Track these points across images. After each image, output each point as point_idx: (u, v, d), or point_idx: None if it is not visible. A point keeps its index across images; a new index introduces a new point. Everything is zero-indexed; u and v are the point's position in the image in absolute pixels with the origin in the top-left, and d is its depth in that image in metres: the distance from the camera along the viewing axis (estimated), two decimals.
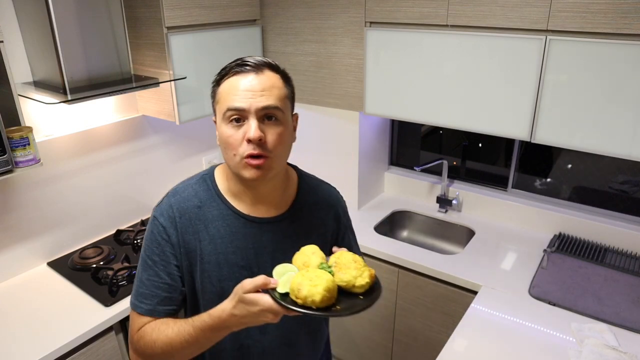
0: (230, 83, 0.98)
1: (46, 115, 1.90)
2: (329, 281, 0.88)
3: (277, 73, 1.01)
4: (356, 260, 0.95)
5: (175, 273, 1.05)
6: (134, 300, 1.06)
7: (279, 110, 0.98)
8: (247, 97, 0.95)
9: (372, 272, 0.95)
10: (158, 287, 1.04)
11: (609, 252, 2.01)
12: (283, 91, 1.00)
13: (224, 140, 1.00)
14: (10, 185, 1.83)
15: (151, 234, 1.06)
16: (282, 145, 1.00)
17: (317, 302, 0.86)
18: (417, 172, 2.59)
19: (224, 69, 1.01)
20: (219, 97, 1.01)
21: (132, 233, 2.17)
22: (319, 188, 1.20)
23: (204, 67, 2.13)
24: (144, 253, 1.07)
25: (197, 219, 1.05)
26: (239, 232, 1.06)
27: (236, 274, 1.04)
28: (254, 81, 0.96)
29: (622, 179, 2.11)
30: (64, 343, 1.55)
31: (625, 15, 1.52)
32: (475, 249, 2.10)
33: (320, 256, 0.97)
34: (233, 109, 0.96)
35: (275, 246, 1.07)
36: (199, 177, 1.12)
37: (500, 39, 1.76)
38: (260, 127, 0.96)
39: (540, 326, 1.60)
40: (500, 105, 1.84)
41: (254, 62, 0.98)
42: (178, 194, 1.08)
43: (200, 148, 2.58)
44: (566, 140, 1.75)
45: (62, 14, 1.63)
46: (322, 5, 2.13)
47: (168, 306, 1.05)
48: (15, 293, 1.82)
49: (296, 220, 1.11)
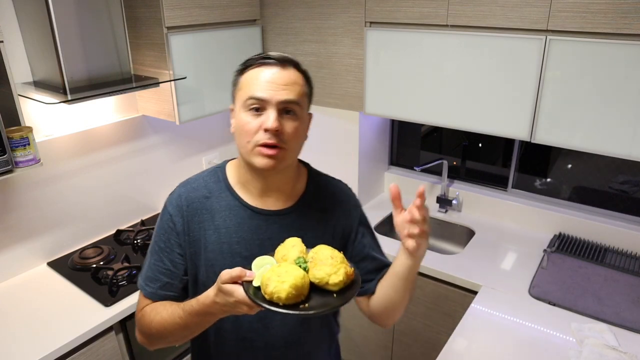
0: (254, 73, 1.01)
1: (46, 115, 1.90)
2: (297, 277, 0.86)
3: (299, 71, 1.04)
4: (333, 257, 0.92)
5: (177, 261, 1.09)
6: (140, 282, 1.12)
7: (298, 105, 1.01)
8: (269, 89, 0.98)
9: (349, 269, 0.92)
10: (161, 272, 1.09)
11: (609, 252, 2.01)
12: (303, 89, 1.03)
13: (240, 127, 1.02)
14: (10, 185, 1.83)
15: (160, 221, 1.11)
16: (297, 139, 1.03)
17: (283, 298, 0.84)
18: (417, 172, 2.59)
19: (249, 59, 1.04)
20: (241, 85, 1.03)
21: (132, 233, 2.17)
22: (329, 184, 1.19)
23: (204, 67, 2.13)
24: (153, 238, 1.12)
25: (204, 209, 1.08)
26: (244, 223, 1.07)
27: (238, 264, 1.03)
28: (277, 74, 0.99)
29: (622, 179, 2.11)
30: (64, 343, 1.55)
31: (625, 15, 1.52)
32: (475, 249, 2.10)
33: (300, 250, 0.95)
34: (255, 97, 0.98)
35: (280, 239, 1.06)
36: (211, 169, 1.15)
37: (500, 39, 1.76)
38: (278, 118, 0.98)
39: (540, 326, 1.60)
40: (500, 105, 1.84)
41: (280, 57, 1.01)
42: (189, 184, 1.13)
43: (200, 148, 2.58)
44: (566, 140, 1.75)
45: (62, 14, 1.63)
46: (322, 5, 2.13)
47: (168, 292, 1.09)
48: (15, 293, 1.82)
49: (303, 214, 1.11)
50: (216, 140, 2.68)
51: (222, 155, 2.73)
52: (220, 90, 2.25)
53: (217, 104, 2.25)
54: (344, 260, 0.93)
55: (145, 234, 2.17)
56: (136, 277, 1.86)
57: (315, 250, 0.95)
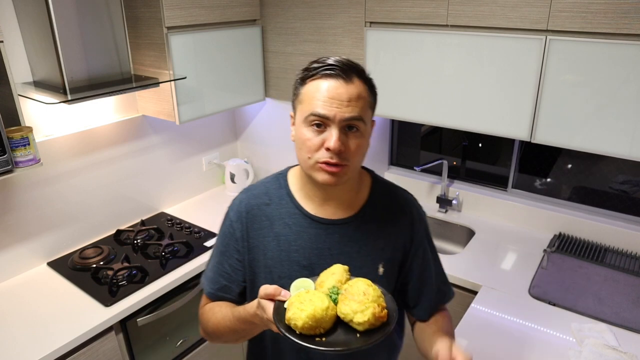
0: (316, 85, 0.95)
1: (46, 115, 1.90)
2: (317, 309, 0.83)
3: (364, 82, 0.98)
4: (366, 293, 0.85)
5: (235, 266, 1.10)
6: (203, 280, 1.16)
7: (362, 121, 0.96)
8: (332, 106, 0.93)
9: (378, 311, 0.84)
10: (220, 275, 1.11)
11: (609, 252, 2.01)
12: (368, 101, 0.98)
13: (301, 142, 0.98)
14: (10, 185, 1.83)
15: (222, 225, 1.13)
16: (359, 155, 0.99)
17: (299, 327, 0.82)
18: (417, 172, 2.59)
19: (310, 68, 0.97)
20: (302, 97, 0.98)
21: (132, 233, 2.16)
22: (393, 193, 1.14)
23: (204, 67, 2.13)
24: (217, 240, 1.15)
25: (263, 216, 1.08)
26: (304, 232, 1.05)
27: (296, 273, 1.04)
28: (342, 89, 0.93)
29: (622, 179, 2.11)
30: (64, 343, 1.55)
31: (625, 15, 1.52)
32: (475, 249, 2.10)
33: (338, 279, 0.91)
34: (317, 114, 0.94)
35: (339, 249, 1.05)
36: (273, 176, 1.15)
37: (500, 39, 1.76)
38: (340, 137, 0.94)
39: (540, 326, 1.60)
40: (500, 105, 1.84)
41: (343, 67, 0.95)
42: (250, 190, 1.13)
43: (200, 148, 2.58)
44: (566, 140, 1.75)
45: (62, 14, 1.63)
46: (322, 5, 2.13)
47: (226, 294, 1.11)
48: (15, 293, 1.82)
49: (364, 223, 1.07)
50: (216, 140, 2.68)
51: (222, 155, 2.73)
52: (220, 90, 2.25)
53: (217, 104, 2.25)
54: (379, 299, 0.87)
55: (145, 234, 2.17)
56: (136, 277, 1.88)
57: (351, 282, 0.90)
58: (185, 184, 2.53)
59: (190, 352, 2.05)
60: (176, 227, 2.27)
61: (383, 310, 0.86)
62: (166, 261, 1.98)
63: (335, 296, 0.88)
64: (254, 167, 2.79)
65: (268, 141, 2.70)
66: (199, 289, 2.02)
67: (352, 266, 1.04)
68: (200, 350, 2.08)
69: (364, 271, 1.05)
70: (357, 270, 1.05)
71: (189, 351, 2.05)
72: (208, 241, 2.13)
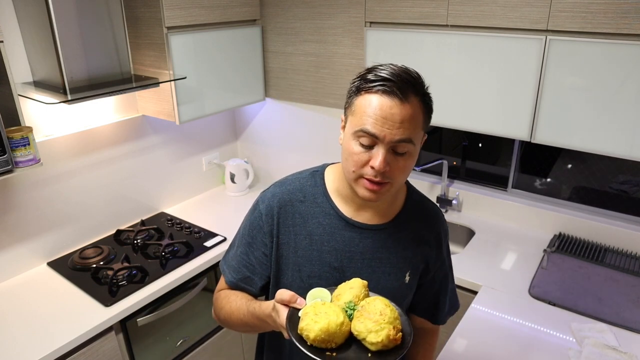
0: (370, 100, 0.91)
1: (46, 115, 1.90)
2: (332, 323, 0.82)
3: (420, 98, 0.93)
4: (383, 313, 0.84)
5: (262, 260, 1.09)
6: (224, 266, 1.15)
7: (411, 143, 0.93)
8: (384, 126, 0.89)
9: (393, 334, 0.83)
10: (245, 265, 1.10)
11: (609, 252, 2.01)
12: (420, 121, 0.93)
13: (348, 153, 0.96)
14: (10, 185, 1.83)
15: (251, 215, 1.11)
16: (404, 175, 0.97)
17: (311, 338, 0.82)
18: (417, 172, 2.59)
19: (367, 79, 0.92)
20: (354, 108, 0.94)
21: (132, 233, 2.16)
22: (424, 205, 1.14)
23: (204, 67, 2.13)
24: (243, 229, 1.13)
25: (297, 213, 1.06)
26: (337, 233, 1.05)
27: (327, 274, 1.04)
28: (396, 109, 0.89)
29: (622, 179, 2.11)
30: (64, 343, 1.55)
31: (625, 15, 1.52)
32: (475, 249, 2.10)
33: (355, 294, 0.90)
34: (366, 132, 0.90)
35: (371, 254, 1.05)
36: (309, 172, 1.12)
37: (500, 39, 1.76)
38: (387, 157, 0.91)
39: (540, 326, 1.60)
40: (500, 105, 1.84)
41: (400, 83, 0.89)
42: (284, 185, 1.10)
43: (200, 148, 2.58)
44: (566, 140, 1.75)
45: (62, 14, 1.63)
46: (322, 5, 2.13)
47: (247, 285, 1.10)
48: (15, 293, 1.82)
49: (397, 232, 1.07)
50: (216, 140, 2.68)
51: (222, 156, 2.73)
52: (220, 90, 2.25)
53: (217, 104, 2.25)
54: (395, 321, 0.85)
55: (145, 233, 2.17)
56: (136, 277, 1.88)
57: (369, 300, 0.88)
58: (185, 184, 2.53)
59: (190, 352, 2.05)
60: (176, 227, 2.27)
61: (398, 333, 0.85)
62: (166, 261, 1.98)
63: (351, 312, 0.87)
64: (254, 167, 2.79)
65: (268, 141, 2.70)
66: (200, 289, 2.02)
67: (381, 272, 1.05)
68: (200, 350, 2.08)
69: (392, 278, 1.06)
70: (385, 277, 1.06)
71: (189, 351, 2.05)
72: (208, 241, 2.13)
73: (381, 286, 1.05)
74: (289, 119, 2.52)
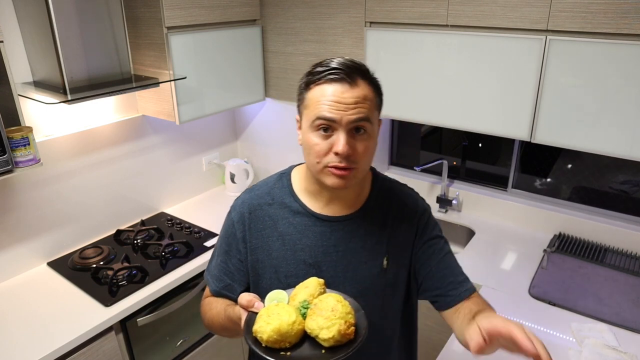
0: (321, 90, 0.95)
1: (46, 115, 1.90)
2: (284, 323, 0.83)
3: (369, 82, 0.98)
4: (334, 309, 0.85)
5: (238, 266, 1.11)
6: (207, 276, 1.17)
7: (369, 122, 0.96)
8: (338, 109, 0.92)
9: (344, 328, 0.84)
10: (225, 273, 1.13)
11: (609, 252, 2.01)
12: (374, 102, 0.98)
13: (309, 147, 0.98)
14: (10, 185, 1.83)
15: (225, 225, 1.15)
16: (368, 157, 0.99)
17: (264, 340, 0.83)
18: (417, 172, 2.59)
19: (315, 73, 0.97)
20: (307, 102, 0.97)
21: (132, 233, 2.16)
22: (393, 188, 1.15)
23: (204, 67, 2.13)
24: (220, 239, 1.16)
25: (267, 216, 1.09)
26: (308, 230, 1.06)
27: (303, 272, 1.05)
28: (347, 93, 0.93)
29: (622, 179, 2.11)
30: (64, 343, 1.55)
31: (625, 15, 1.52)
32: (475, 249, 2.10)
33: (310, 293, 0.91)
34: (323, 118, 0.93)
35: (344, 245, 1.06)
36: (277, 175, 1.15)
37: (500, 39, 1.76)
38: (348, 140, 0.93)
39: (540, 326, 1.60)
40: (500, 105, 1.84)
41: (346, 70, 0.94)
42: (253, 190, 1.14)
43: (200, 148, 2.58)
44: (566, 140, 1.75)
45: (62, 14, 1.63)
46: (322, 5, 2.13)
47: (229, 293, 1.12)
48: (15, 293, 1.82)
49: (367, 219, 1.08)
50: (216, 140, 2.68)
51: (222, 156, 2.73)
52: (220, 90, 2.25)
53: (217, 104, 2.25)
54: (347, 315, 0.86)
55: (145, 233, 2.17)
56: (136, 277, 1.88)
57: (322, 297, 0.90)
58: (185, 184, 2.53)
59: (190, 352, 2.05)
60: (176, 227, 2.27)
61: (350, 327, 0.85)
62: (166, 261, 1.98)
63: (305, 310, 0.89)
64: (254, 167, 2.79)
65: (268, 141, 2.70)
66: (200, 289, 2.02)
67: (357, 262, 1.06)
68: (200, 350, 2.08)
69: (369, 265, 1.07)
70: (362, 266, 1.06)
71: (189, 351, 2.05)
72: (208, 241, 2.13)
73: (359, 275, 1.06)
74: (289, 119, 2.52)
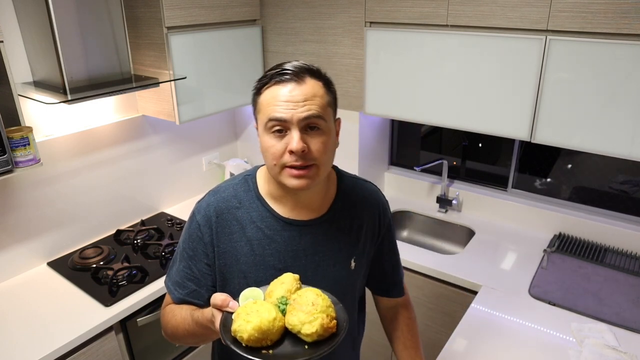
0: (270, 92, 0.96)
1: (46, 115, 1.90)
2: (264, 320, 0.81)
3: (318, 80, 0.98)
4: (315, 304, 0.84)
5: (204, 271, 1.08)
6: (168, 284, 1.12)
7: (322, 119, 0.95)
8: (288, 108, 0.93)
9: (326, 322, 0.83)
10: (189, 279, 1.08)
11: (609, 252, 2.01)
12: (325, 99, 0.97)
13: (265, 150, 0.98)
14: (10, 185, 1.83)
15: (188, 228, 1.09)
16: (326, 153, 0.98)
17: (245, 339, 0.81)
18: (417, 172, 2.59)
19: (264, 76, 0.99)
20: (259, 107, 0.98)
21: (132, 233, 2.16)
22: (358, 187, 1.16)
23: (204, 67, 2.13)
24: (182, 244, 1.11)
25: (234, 220, 1.06)
26: (276, 235, 1.05)
27: (272, 277, 1.02)
28: (295, 91, 0.94)
29: (622, 179, 2.11)
30: (64, 343, 1.55)
31: (625, 15, 1.52)
32: (475, 249, 2.10)
33: (287, 289, 0.90)
34: (274, 119, 0.93)
35: (313, 249, 1.06)
36: (241, 177, 1.12)
37: (500, 39, 1.76)
38: (302, 137, 0.93)
39: (540, 326, 1.60)
40: (500, 105, 1.84)
41: (294, 70, 0.95)
42: (218, 193, 1.09)
43: (200, 148, 2.58)
44: (566, 140, 1.75)
45: (62, 14, 1.63)
46: (322, 5, 2.13)
47: (195, 299, 1.08)
48: (15, 293, 1.82)
49: (335, 221, 1.09)
50: (216, 140, 2.68)
51: (222, 156, 2.73)
52: (220, 90, 2.25)
53: (217, 104, 2.25)
54: (328, 309, 0.85)
55: (145, 233, 2.17)
56: (136, 277, 1.88)
57: (300, 292, 0.89)
58: (185, 184, 2.53)
59: (190, 352, 2.05)
60: (176, 227, 2.27)
61: (332, 321, 0.85)
62: (166, 261, 1.98)
63: (283, 306, 0.87)
64: None
65: None
66: None
67: (326, 265, 1.06)
68: (201, 350, 2.08)
69: (337, 268, 1.08)
70: (330, 269, 1.07)
71: (189, 351, 2.05)
72: None
73: (328, 278, 1.07)
74: None
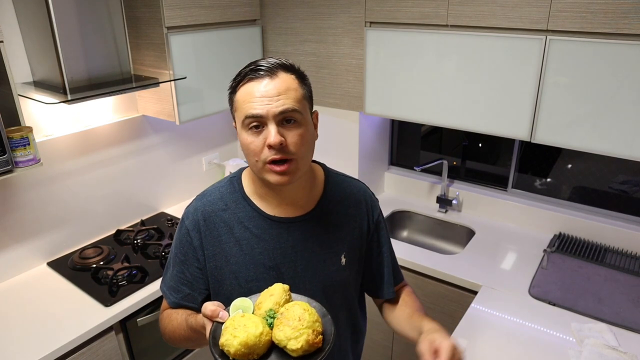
0: (245, 90, 0.97)
1: (46, 115, 1.90)
2: (250, 335, 0.82)
3: (291, 73, 0.99)
4: (302, 318, 0.84)
5: (196, 274, 1.09)
6: (164, 289, 1.14)
7: (297, 112, 0.96)
8: (263, 103, 0.94)
9: (312, 338, 0.84)
10: (183, 283, 1.10)
11: (609, 252, 2.01)
12: (299, 92, 0.98)
13: (245, 147, 0.98)
14: (10, 185, 1.83)
15: (178, 233, 1.11)
16: (304, 146, 0.99)
17: (232, 353, 0.82)
18: (417, 172, 2.59)
19: (238, 75, 1.00)
20: (236, 105, 1.00)
21: (132, 233, 2.16)
22: (346, 184, 1.17)
23: (204, 67, 2.13)
24: (174, 249, 1.13)
25: (221, 222, 1.07)
26: (265, 233, 1.05)
27: (264, 275, 1.05)
28: (269, 86, 0.95)
29: (622, 179, 2.11)
30: (64, 343, 1.55)
31: (625, 15, 1.52)
32: (475, 249, 2.10)
33: (276, 301, 0.90)
34: (250, 116, 0.94)
35: (302, 245, 1.06)
36: (226, 180, 1.13)
37: (500, 39, 1.76)
38: (280, 131, 0.94)
39: (540, 326, 1.60)
40: (500, 105, 1.84)
41: (267, 66, 0.96)
42: (205, 197, 1.11)
43: (200, 148, 2.58)
44: (566, 140, 1.75)
45: (62, 14, 1.63)
46: (322, 5, 2.13)
47: (189, 303, 1.10)
48: (15, 293, 1.82)
49: (323, 218, 1.09)
50: (216, 140, 2.68)
51: (222, 156, 2.73)
52: (221, 90, 2.25)
53: (217, 104, 2.25)
54: (314, 324, 0.86)
55: (145, 233, 2.17)
56: (136, 277, 1.88)
57: (288, 306, 0.89)
58: (185, 184, 2.53)
59: (190, 352, 2.05)
60: (176, 227, 2.27)
61: (318, 336, 0.85)
62: (166, 261, 1.98)
63: (271, 320, 0.87)
64: None
65: None
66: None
67: (316, 261, 1.07)
68: (201, 350, 2.08)
69: (327, 264, 1.08)
70: (320, 265, 1.07)
71: (189, 351, 2.05)
72: None
73: (319, 274, 1.07)
74: None
